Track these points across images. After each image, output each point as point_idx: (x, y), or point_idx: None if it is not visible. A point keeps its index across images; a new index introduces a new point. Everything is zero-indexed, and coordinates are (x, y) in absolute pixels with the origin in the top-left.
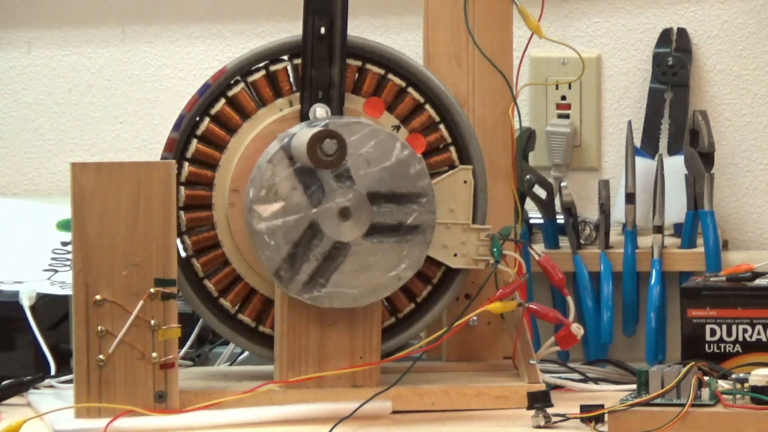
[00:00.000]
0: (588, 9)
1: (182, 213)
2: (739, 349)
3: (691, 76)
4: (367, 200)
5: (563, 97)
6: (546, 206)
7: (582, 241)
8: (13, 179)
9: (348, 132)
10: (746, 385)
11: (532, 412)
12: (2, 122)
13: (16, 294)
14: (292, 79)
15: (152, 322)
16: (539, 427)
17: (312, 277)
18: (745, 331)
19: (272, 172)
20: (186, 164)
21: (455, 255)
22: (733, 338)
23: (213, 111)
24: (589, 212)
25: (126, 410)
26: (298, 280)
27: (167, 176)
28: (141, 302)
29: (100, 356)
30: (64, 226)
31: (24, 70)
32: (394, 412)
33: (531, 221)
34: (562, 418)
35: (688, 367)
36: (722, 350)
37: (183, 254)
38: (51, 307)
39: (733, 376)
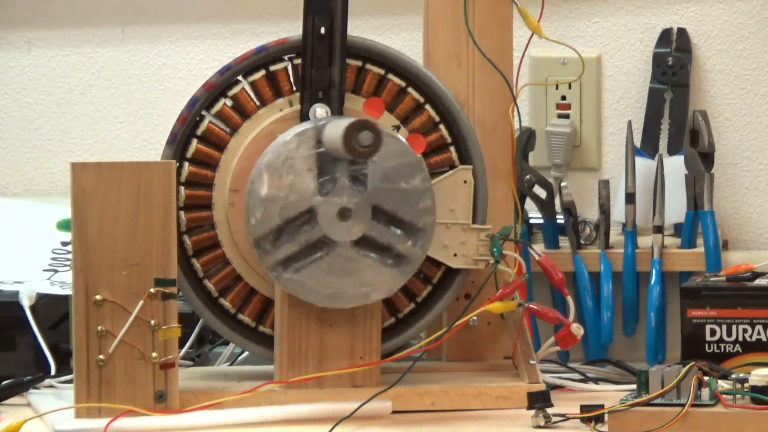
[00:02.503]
0: (588, 9)
1: (182, 213)
2: (739, 349)
3: (691, 76)
4: (371, 211)
5: (563, 97)
6: (546, 206)
7: (582, 241)
8: (13, 179)
9: (384, 142)
10: (746, 385)
11: (532, 412)
12: (2, 122)
13: (16, 294)
14: (292, 79)
15: (152, 322)
16: (539, 427)
17: (289, 259)
18: (745, 331)
19: (296, 146)
20: (186, 164)
21: (455, 255)
22: (733, 338)
23: (213, 111)
24: (589, 212)
25: (126, 410)
26: (275, 256)
27: (167, 176)
28: (141, 302)
29: (100, 356)
30: (64, 226)
31: (24, 70)
32: (394, 412)
33: (531, 221)
34: (562, 418)
35: (688, 367)
36: (722, 350)
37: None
38: (51, 307)
39: (733, 376)
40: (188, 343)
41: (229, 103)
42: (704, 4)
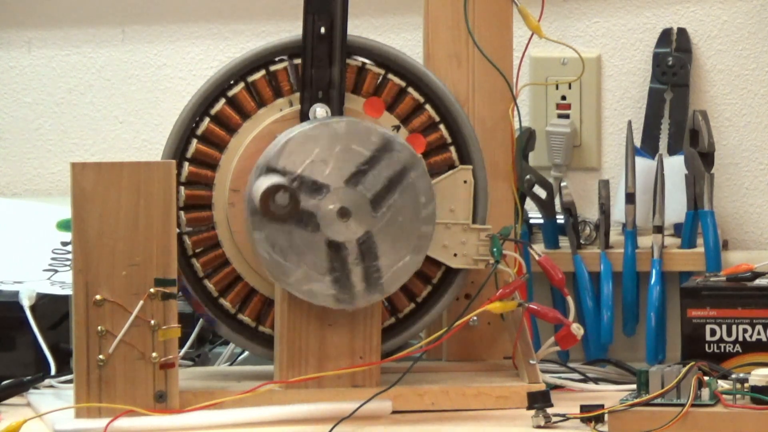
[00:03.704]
0: (588, 9)
1: (182, 213)
2: (739, 349)
3: (691, 76)
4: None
5: (563, 97)
6: (546, 206)
7: (582, 241)
8: (13, 179)
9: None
10: (746, 385)
11: (532, 412)
12: (2, 122)
13: (16, 294)
14: (292, 79)
15: (152, 322)
16: (539, 427)
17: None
18: (745, 331)
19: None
20: (186, 164)
21: (455, 255)
22: (733, 338)
23: (213, 111)
24: (589, 212)
25: (126, 410)
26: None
27: (167, 176)
28: (141, 302)
29: (100, 356)
30: (64, 226)
31: (24, 70)
32: (394, 412)
33: (531, 221)
34: (562, 418)
35: (688, 367)
36: (722, 350)
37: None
38: (51, 307)
39: (733, 376)
40: (188, 343)
41: (229, 103)
42: (704, 4)
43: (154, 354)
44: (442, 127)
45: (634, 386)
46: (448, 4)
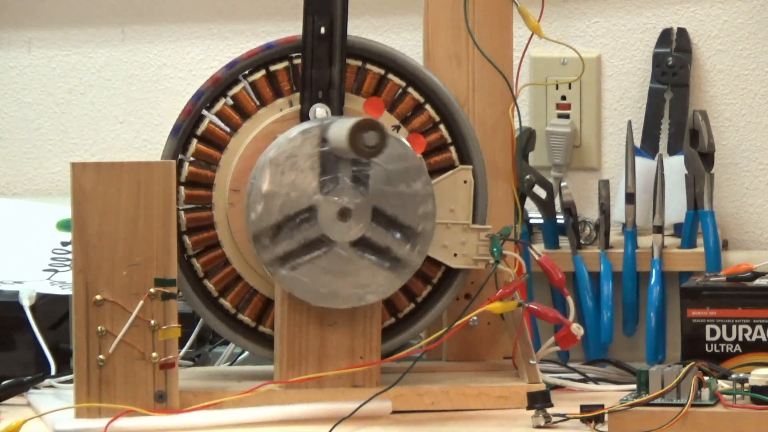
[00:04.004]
0: (588, 9)
1: (182, 213)
2: (739, 349)
3: (691, 76)
4: (371, 213)
5: (563, 97)
6: (546, 206)
7: (582, 241)
8: (13, 179)
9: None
10: (746, 385)
11: (532, 412)
12: (2, 122)
13: (16, 294)
14: (292, 79)
15: (152, 322)
16: (539, 427)
17: (286, 256)
18: (745, 331)
19: (300, 144)
20: (186, 164)
21: (455, 255)
22: (733, 338)
23: (213, 111)
24: (589, 212)
25: (126, 410)
26: (273, 252)
27: (167, 176)
28: (141, 302)
29: (100, 356)
30: (64, 226)
31: (24, 70)
32: (394, 412)
33: (531, 221)
34: (562, 418)
35: (688, 367)
36: (722, 350)
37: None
38: (51, 307)
39: (733, 376)
40: (188, 343)
41: (229, 102)
42: (704, 4)
43: (154, 354)
44: (442, 127)
45: (634, 386)
46: (448, 4)
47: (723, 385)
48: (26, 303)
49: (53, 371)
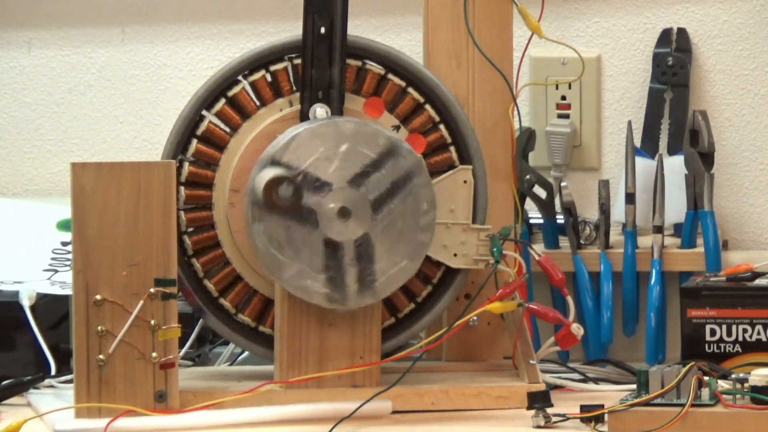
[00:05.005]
0: (588, 9)
1: (182, 213)
2: (739, 349)
3: (691, 76)
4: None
5: (563, 97)
6: (546, 206)
7: (582, 241)
8: (13, 179)
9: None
10: (746, 385)
11: (532, 412)
12: (2, 122)
13: (16, 294)
14: (292, 79)
15: (152, 322)
16: (539, 427)
17: None
18: (745, 331)
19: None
20: (186, 164)
21: (455, 255)
22: (733, 338)
23: (213, 111)
24: (589, 212)
25: (126, 410)
26: None
27: (167, 176)
28: (141, 302)
29: (100, 356)
30: (64, 226)
31: (24, 70)
32: (394, 412)
33: (531, 221)
34: (562, 418)
35: (688, 367)
36: (722, 350)
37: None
38: (51, 307)
39: (733, 376)
40: (188, 343)
41: (229, 103)
42: (704, 4)
43: (154, 354)
44: (442, 127)
45: (634, 386)
46: (448, 4)
47: (723, 385)
48: (26, 303)
49: (53, 371)
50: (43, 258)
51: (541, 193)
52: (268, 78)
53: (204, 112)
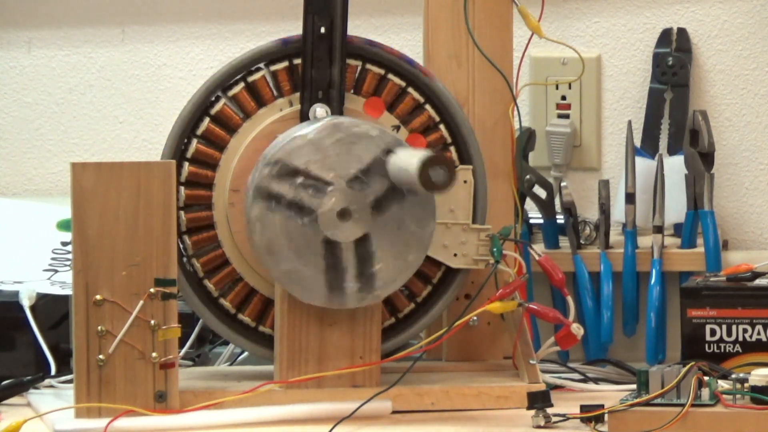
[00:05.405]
0: (588, 9)
1: (182, 213)
2: (739, 349)
3: (691, 76)
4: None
5: (563, 97)
6: (546, 206)
7: (582, 241)
8: (13, 179)
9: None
10: (746, 385)
11: (532, 412)
12: (2, 122)
13: (16, 294)
14: (292, 79)
15: (152, 322)
16: (539, 427)
17: None
18: (745, 331)
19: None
20: (186, 164)
21: (455, 255)
22: (733, 338)
23: (213, 111)
24: (589, 212)
25: (126, 410)
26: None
27: (167, 176)
28: (141, 302)
29: (100, 356)
30: (64, 226)
31: (24, 70)
32: (394, 412)
33: (531, 221)
34: (562, 418)
35: (688, 367)
36: (722, 350)
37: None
38: (51, 307)
39: (733, 376)
40: (188, 343)
41: (228, 102)
42: (704, 4)
43: (154, 354)
44: (442, 127)
45: (634, 386)
46: (448, 4)
47: (723, 385)
48: (26, 303)
49: (53, 371)
50: (43, 258)
51: (541, 193)
52: (268, 78)
53: (204, 112)
